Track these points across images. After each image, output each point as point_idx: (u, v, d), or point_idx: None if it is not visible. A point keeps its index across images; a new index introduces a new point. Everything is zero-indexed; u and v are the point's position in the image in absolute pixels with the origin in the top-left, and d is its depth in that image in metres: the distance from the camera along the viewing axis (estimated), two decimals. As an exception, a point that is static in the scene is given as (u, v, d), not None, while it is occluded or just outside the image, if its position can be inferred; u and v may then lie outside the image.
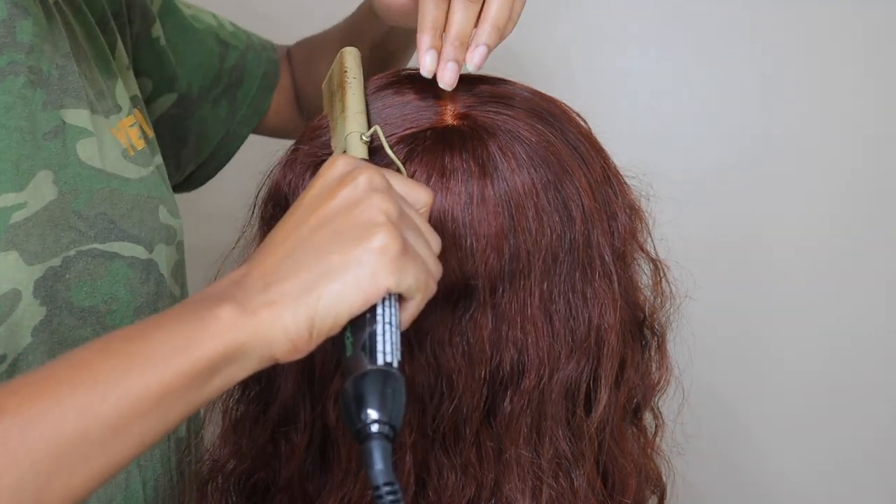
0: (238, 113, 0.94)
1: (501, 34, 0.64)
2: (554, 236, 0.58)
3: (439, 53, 0.62)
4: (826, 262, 1.27)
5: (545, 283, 0.59)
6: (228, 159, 0.97)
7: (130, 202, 0.72)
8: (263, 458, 0.64)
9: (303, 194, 0.51)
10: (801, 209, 1.26)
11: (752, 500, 1.35)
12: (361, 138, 0.57)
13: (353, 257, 0.47)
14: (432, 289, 0.51)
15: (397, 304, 0.50)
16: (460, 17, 0.62)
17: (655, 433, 0.71)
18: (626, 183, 0.65)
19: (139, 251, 0.72)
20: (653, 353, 0.68)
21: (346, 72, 0.63)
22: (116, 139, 0.74)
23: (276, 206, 0.63)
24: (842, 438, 1.32)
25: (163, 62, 0.87)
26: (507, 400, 0.59)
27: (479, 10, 0.63)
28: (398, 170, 0.57)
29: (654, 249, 0.67)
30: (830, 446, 1.33)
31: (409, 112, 0.61)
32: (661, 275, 0.68)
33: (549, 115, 0.62)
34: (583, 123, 0.65)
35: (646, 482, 0.69)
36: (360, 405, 0.46)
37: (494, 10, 0.63)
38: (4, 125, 0.65)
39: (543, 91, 0.66)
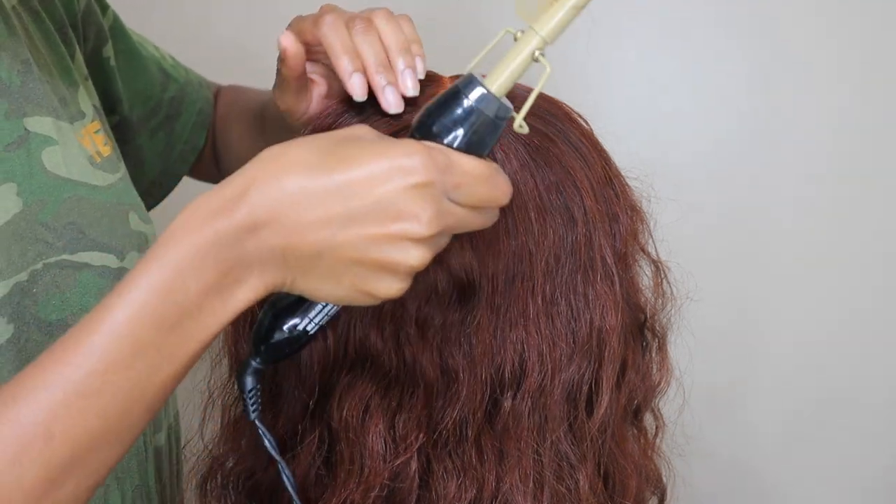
0: (175, 149, 0.93)
1: (413, 54, 0.61)
2: (556, 237, 0.58)
3: (363, 75, 0.60)
4: (827, 265, 1.27)
5: (547, 285, 0.59)
6: (163, 198, 0.95)
7: (99, 210, 0.71)
8: (264, 461, 0.64)
9: (360, 176, 0.48)
10: (802, 209, 1.26)
11: (753, 501, 1.35)
12: (534, 55, 0.53)
13: (357, 291, 0.50)
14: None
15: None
16: (369, 44, 0.61)
17: (656, 434, 0.71)
18: (627, 184, 0.65)
19: (110, 260, 0.70)
20: (653, 355, 0.68)
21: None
22: (82, 146, 0.72)
23: None
24: (842, 440, 1.32)
25: (109, 83, 0.85)
26: (509, 401, 0.59)
27: (377, 35, 0.61)
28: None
29: (656, 251, 0.67)
30: (830, 448, 1.33)
31: (412, 114, 0.60)
32: (662, 276, 0.68)
33: (550, 115, 0.62)
34: (584, 124, 0.65)
35: (646, 483, 0.69)
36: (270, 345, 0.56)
37: (389, 36, 0.61)
38: None
39: (543, 92, 0.66)
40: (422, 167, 0.48)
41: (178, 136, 0.93)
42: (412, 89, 0.60)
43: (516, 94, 0.63)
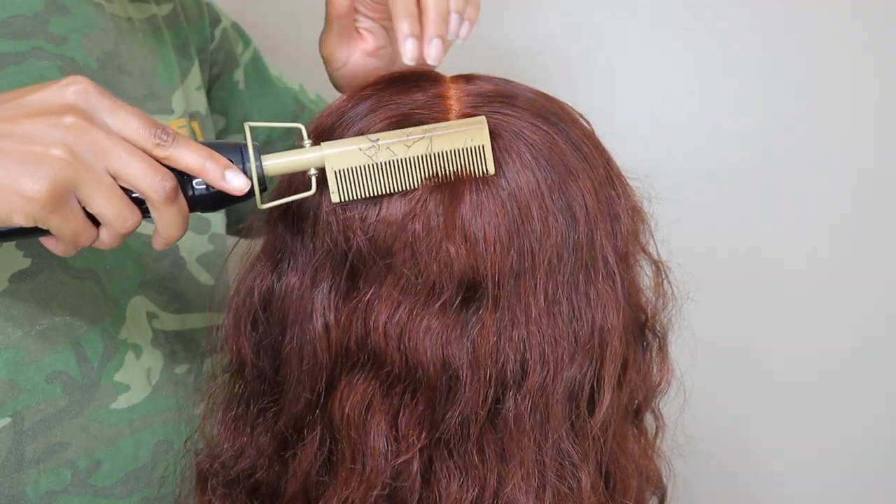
0: None
1: (475, 6, 0.65)
2: (558, 237, 0.58)
3: (418, 42, 0.62)
4: (828, 264, 1.28)
5: (549, 284, 0.59)
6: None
7: None
8: (264, 460, 0.64)
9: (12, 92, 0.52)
10: (802, 211, 1.26)
11: (753, 502, 1.35)
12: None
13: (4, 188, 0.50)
14: (84, 242, 0.54)
15: None
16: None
17: (656, 434, 0.71)
18: (628, 184, 0.65)
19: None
20: (654, 355, 0.68)
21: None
22: None
23: (284, 208, 0.63)
24: (843, 440, 1.32)
25: (236, 104, 0.93)
26: (511, 400, 0.59)
27: None
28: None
29: (657, 251, 0.67)
30: (832, 448, 1.33)
31: (415, 113, 0.61)
32: (663, 276, 0.68)
33: (553, 115, 0.62)
34: (586, 125, 0.65)
35: (646, 483, 0.69)
36: None
37: None
38: None
39: (545, 92, 0.66)
40: (81, 79, 0.52)
41: None
42: (464, 32, 0.64)
43: (519, 94, 0.63)
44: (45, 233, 0.53)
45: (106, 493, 0.70)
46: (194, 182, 0.55)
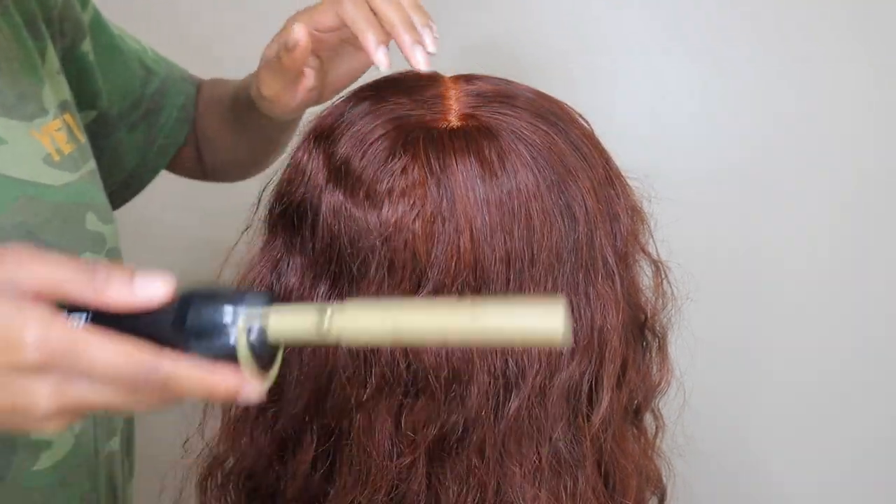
0: (155, 142, 0.92)
1: (427, 15, 0.65)
2: (558, 237, 0.58)
3: (387, 48, 0.63)
4: (828, 264, 1.28)
5: (548, 284, 0.59)
6: (141, 189, 0.94)
7: (49, 210, 0.69)
8: (264, 461, 0.64)
9: None
10: (802, 211, 1.26)
11: (753, 502, 1.35)
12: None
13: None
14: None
15: None
16: (393, 9, 0.63)
17: (656, 434, 0.71)
18: (628, 184, 0.65)
19: None
20: (654, 355, 0.68)
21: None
22: (40, 143, 0.71)
23: (284, 208, 0.63)
24: (843, 440, 1.32)
25: (88, 78, 0.84)
26: (511, 401, 0.59)
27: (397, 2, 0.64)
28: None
29: (656, 251, 0.67)
30: (832, 448, 1.33)
31: (414, 113, 0.61)
32: (663, 276, 0.68)
33: (552, 115, 0.62)
34: (585, 125, 0.65)
35: (646, 483, 0.69)
36: None
37: (404, 2, 0.65)
38: None
39: (545, 92, 0.66)
40: (33, 348, 0.43)
41: (159, 131, 0.92)
42: (431, 46, 0.63)
43: (519, 94, 0.63)
44: None
45: None
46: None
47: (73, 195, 0.72)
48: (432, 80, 0.64)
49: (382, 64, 0.63)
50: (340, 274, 0.60)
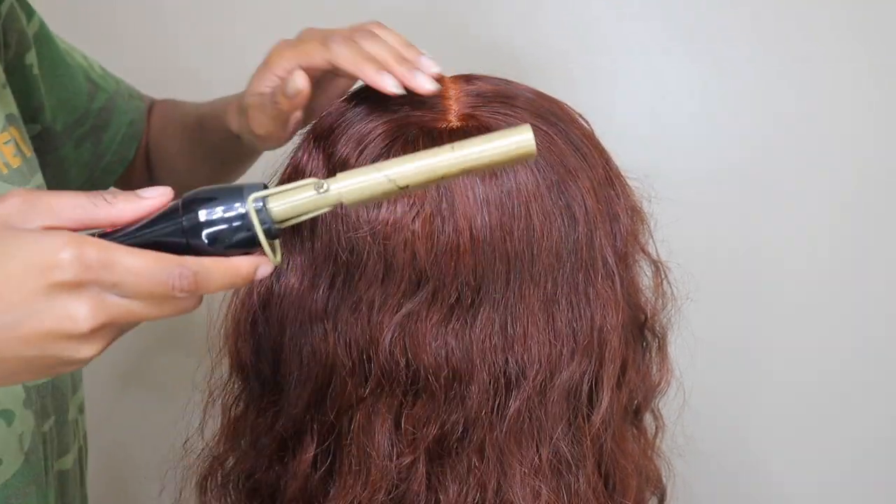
0: (102, 159, 0.91)
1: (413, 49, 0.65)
2: (557, 236, 0.58)
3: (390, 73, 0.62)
4: (828, 264, 1.27)
5: (548, 284, 0.59)
6: None
7: None
8: (264, 461, 0.64)
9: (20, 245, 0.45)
10: (802, 211, 1.26)
11: (753, 502, 1.35)
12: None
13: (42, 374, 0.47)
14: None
15: None
16: (382, 47, 0.64)
17: (656, 434, 0.71)
18: (627, 184, 0.65)
19: None
20: (653, 355, 0.68)
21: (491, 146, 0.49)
22: None
23: None
24: (843, 440, 1.32)
25: (32, 91, 0.83)
26: (511, 400, 0.59)
27: (381, 40, 0.65)
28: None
29: (656, 251, 0.67)
30: (832, 448, 1.33)
31: (414, 114, 0.61)
32: (663, 276, 0.68)
33: (552, 115, 0.62)
34: (585, 125, 0.65)
35: (646, 483, 0.69)
36: None
37: (391, 39, 0.65)
38: None
39: (545, 92, 0.66)
40: (68, 265, 0.44)
41: (106, 148, 0.91)
42: (434, 67, 0.63)
43: (519, 94, 0.63)
44: None
45: None
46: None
47: None
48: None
49: (392, 88, 0.61)
50: (340, 273, 0.60)
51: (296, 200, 0.49)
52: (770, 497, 1.35)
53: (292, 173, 0.63)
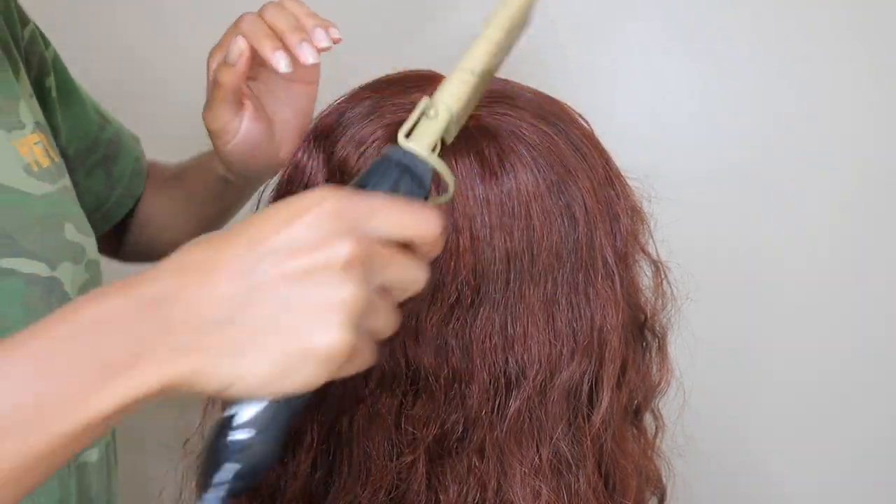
0: (113, 192, 0.92)
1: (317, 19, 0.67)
2: (557, 237, 0.58)
3: (284, 51, 0.64)
4: (828, 264, 1.27)
5: (548, 284, 0.59)
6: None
7: (30, 218, 0.69)
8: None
9: (270, 217, 0.43)
10: (802, 211, 1.26)
11: (753, 502, 1.35)
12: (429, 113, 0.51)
13: (293, 351, 0.42)
14: (371, 362, 0.46)
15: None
16: (281, 16, 0.66)
17: (656, 434, 0.71)
18: (627, 184, 0.65)
19: (40, 268, 0.69)
20: (653, 355, 0.68)
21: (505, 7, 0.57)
22: (18, 154, 0.71)
23: None
24: (843, 440, 1.32)
25: (50, 113, 0.84)
26: (511, 400, 0.59)
27: (286, 11, 0.67)
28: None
29: (656, 251, 0.67)
30: (832, 448, 1.33)
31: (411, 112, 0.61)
32: (663, 276, 0.68)
33: (552, 115, 0.62)
34: (585, 125, 0.65)
35: (646, 483, 0.69)
36: (217, 470, 0.45)
37: (295, 8, 0.67)
38: None
39: (545, 92, 0.66)
40: (329, 196, 0.43)
41: (117, 180, 0.92)
42: (324, 41, 0.65)
43: (518, 94, 0.63)
44: None
45: None
46: None
47: (52, 205, 0.72)
48: (432, 80, 0.64)
49: (281, 65, 0.64)
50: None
51: (427, 135, 0.50)
52: (770, 497, 1.35)
53: (292, 173, 0.63)
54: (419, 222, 0.45)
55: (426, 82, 0.64)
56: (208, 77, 0.72)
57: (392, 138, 0.59)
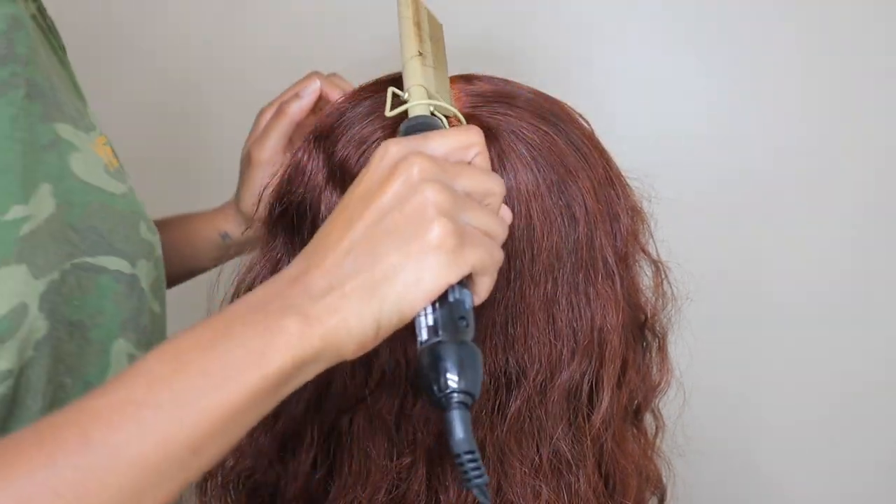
0: None
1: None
2: (557, 237, 0.58)
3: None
4: (828, 265, 1.28)
5: (548, 284, 0.59)
6: None
7: (116, 217, 0.72)
8: (264, 461, 0.64)
9: (354, 184, 0.50)
10: (802, 211, 1.26)
11: (753, 502, 1.35)
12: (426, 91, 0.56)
13: (412, 257, 0.47)
14: (498, 261, 0.50)
15: (464, 285, 0.50)
16: (344, 81, 0.84)
17: (656, 434, 0.71)
18: (628, 184, 0.65)
19: (124, 266, 0.72)
20: (654, 355, 0.68)
21: (400, 18, 0.64)
22: (97, 154, 0.74)
23: (284, 208, 0.63)
24: (843, 440, 1.32)
25: None
26: (511, 400, 0.59)
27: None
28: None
29: (656, 251, 0.67)
30: (831, 448, 1.33)
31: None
32: (663, 276, 0.68)
33: (552, 115, 0.62)
34: (585, 125, 0.65)
35: (646, 483, 0.69)
36: (440, 374, 0.47)
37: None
38: (10, 136, 0.65)
39: (545, 92, 0.66)
40: (393, 146, 0.50)
41: None
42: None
43: (519, 94, 0.63)
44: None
45: None
46: None
47: (129, 204, 0.75)
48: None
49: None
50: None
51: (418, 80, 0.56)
52: (770, 497, 1.35)
53: (293, 173, 0.63)
54: (471, 139, 0.52)
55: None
56: (255, 130, 0.85)
57: (394, 134, 0.59)
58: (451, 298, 0.48)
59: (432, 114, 0.56)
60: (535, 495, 0.60)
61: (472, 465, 0.46)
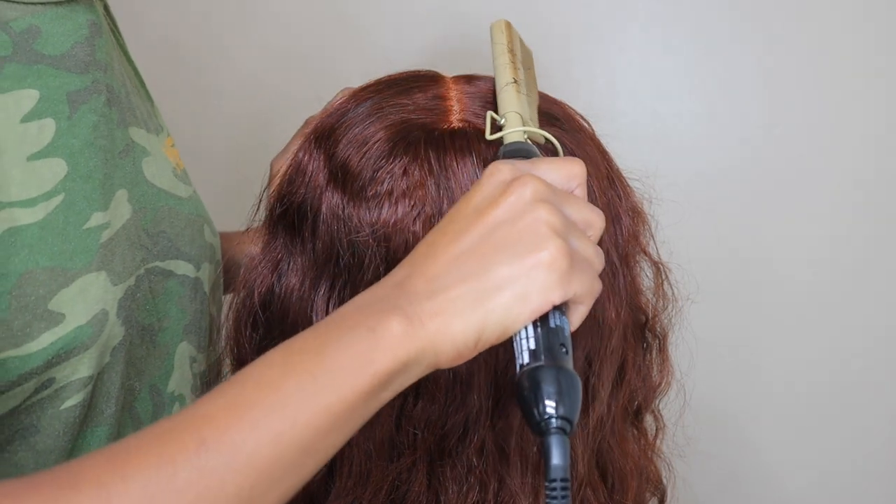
0: None
1: None
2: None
3: None
4: (829, 265, 1.28)
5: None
6: None
7: (184, 221, 0.73)
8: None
9: (465, 199, 0.50)
10: (804, 211, 1.26)
11: (753, 502, 1.35)
12: (521, 117, 0.57)
13: (522, 271, 0.47)
14: (597, 292, 0.51)
15: (563, 309, 0.50)
16: None
17: (656, 435, 0.71)
18: (629, 186, 0.65)
19: (189, 269, 0.73)
20: (654, 356, 0.68)
21: (494, 45, 0.65)
22: (166, 157, 0.74)
23: (284, 209, 0.63)
24: (843, 442, 1.32)
25: None
26: (510, 400, 0.59)
27: None
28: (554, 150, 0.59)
29: (657, 252, 0.67)
30: (831, 450, 1.33)
31: (415, 115, 0.61)
32: (664, 277, 0.68)
33: (553, 116, 0.62)
34: (587, 126, 0.65)
35: (646, 484, 0.69)
36: (540, 399, 0.47)
37: None
38: (93, 144, 0.65)
39: (545, 92, 0.66)
40: (506, 167, 0.50)
41: None
42: None
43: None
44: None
45: None
46: None
47: (195, 207, 0.76)
48: (433, 80, 0.64)
49: None
50: (341, 275, 0.60)
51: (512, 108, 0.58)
52: (770, 497, 1.35)
53: (294, 173, 0.63)
54: (592, 214, 0.52)
55: (427, 81, 0.63)
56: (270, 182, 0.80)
57: (393, 138, 0.59)
58: (552, 324, 0.48)
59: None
60: (535, 495, 0.60)
61: (563, 492, 0.46)
